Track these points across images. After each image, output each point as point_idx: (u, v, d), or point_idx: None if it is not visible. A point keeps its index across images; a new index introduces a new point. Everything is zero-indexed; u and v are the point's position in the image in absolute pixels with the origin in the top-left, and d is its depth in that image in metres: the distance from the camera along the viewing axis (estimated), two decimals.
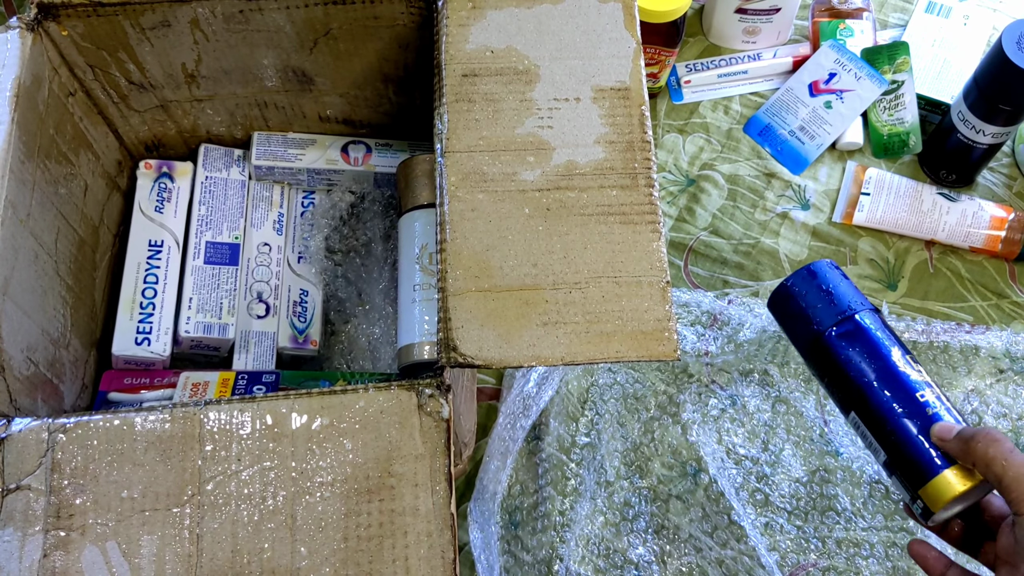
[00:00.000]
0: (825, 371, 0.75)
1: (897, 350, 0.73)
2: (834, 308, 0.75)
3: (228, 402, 0.66)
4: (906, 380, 0.71)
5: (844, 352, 0.73)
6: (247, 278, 0.97)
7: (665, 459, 0.98)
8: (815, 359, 0.76)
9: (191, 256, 0.95)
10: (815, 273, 0.78)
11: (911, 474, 0.69)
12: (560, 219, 0.71)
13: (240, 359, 0.93)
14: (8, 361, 0.72)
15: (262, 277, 0.97)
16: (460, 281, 0.68)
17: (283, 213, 1.01)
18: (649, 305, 0.68)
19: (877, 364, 0.72)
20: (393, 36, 0.87)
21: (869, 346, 0.73)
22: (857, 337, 0.73)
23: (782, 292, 0.79)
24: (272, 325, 0.96)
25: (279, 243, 0.99)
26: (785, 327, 0.80)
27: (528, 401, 0.97)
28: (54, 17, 0.81)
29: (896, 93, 1.15)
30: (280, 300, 0.97)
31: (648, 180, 0.72)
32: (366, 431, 0.65)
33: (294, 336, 0.96)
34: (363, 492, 0.64)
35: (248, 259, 0.97)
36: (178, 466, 0.64)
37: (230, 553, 0.63)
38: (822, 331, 0.75)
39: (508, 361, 0.66)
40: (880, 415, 0.71)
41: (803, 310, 0.77)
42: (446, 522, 0.64)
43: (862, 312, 0.75)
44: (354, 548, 0.63)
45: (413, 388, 0.67)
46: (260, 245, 0.98)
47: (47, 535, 0.63)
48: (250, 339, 0.94)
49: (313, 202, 1.03)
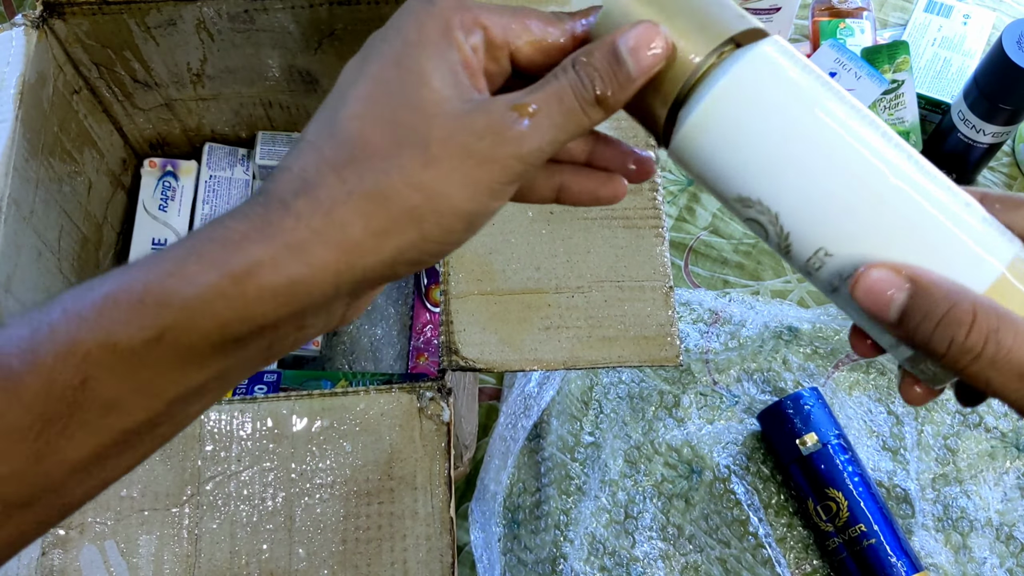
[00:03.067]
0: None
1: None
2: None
3: (229, 402, 0.66)
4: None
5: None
6: None
7: (668, 458, 0.98)
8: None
9: None
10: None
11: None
12: (563, 223, 0.71)
13: None
14: None
15: None
16: (463, 284, 0.69)
17: None
18: (652, 310, 0.68)
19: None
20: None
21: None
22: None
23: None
24: None
25: None
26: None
27: (529, 401, 0.98)
28: (59, 15, 0.81)
29: (896, 92, 1.14)
30: None
31: (652, 184, 0.72)
32: (366, 433, 0.66)
33: None
34: (362, 494, 0.64)
35: None
36: (178, 466, 0.65)
37: (228, 554, 0.63)
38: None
39: (510, 365, 0.66)
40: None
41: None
42: (445, 525, 0.64)
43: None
44: (352, 550, 0.63)
45: (414, 391, 0.67)
46: None
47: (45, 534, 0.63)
48: None
49: None
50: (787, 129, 0.39)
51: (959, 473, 0.97)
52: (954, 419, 0.99)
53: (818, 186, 0.39)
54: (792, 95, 0.39)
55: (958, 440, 0.98)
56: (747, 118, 0.40)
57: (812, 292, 1.08)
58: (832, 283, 0.41)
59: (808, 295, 1.08)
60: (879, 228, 0.39)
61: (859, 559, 0.88)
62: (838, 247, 0.40)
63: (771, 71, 0.40)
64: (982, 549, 0.93)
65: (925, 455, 0.97)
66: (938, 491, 0.96)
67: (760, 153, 0.40)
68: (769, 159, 0.40)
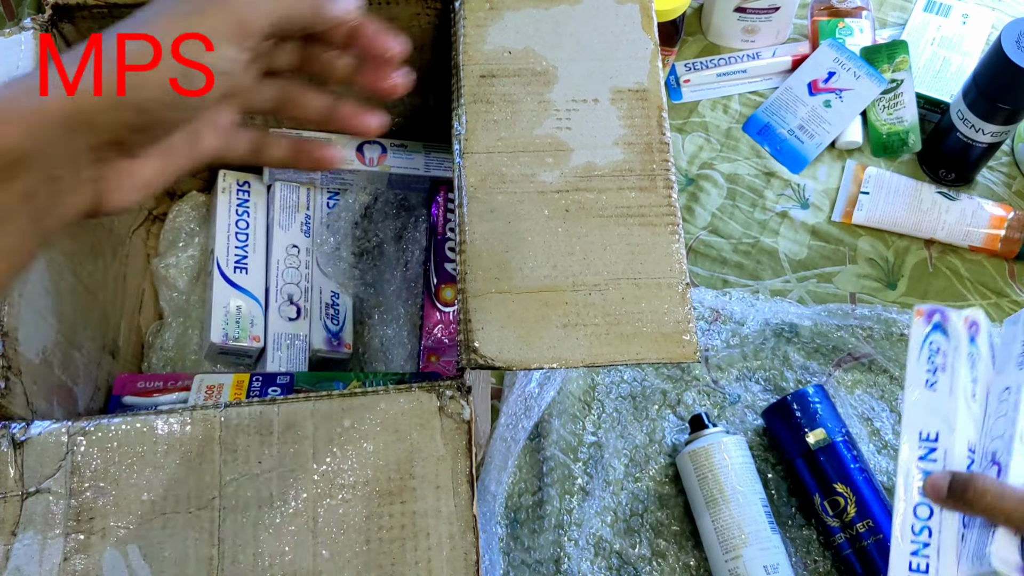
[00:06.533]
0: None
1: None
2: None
3: (248, 404, 0.66)
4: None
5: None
6: (277, 280, 0.96)
7: (671, 457, 0.98)
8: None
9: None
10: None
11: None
12: (579, 221, 0.71)
13: (274, 362, 0.93)
14: (25, 364, 0.72)
15: (292, 279, 0.96)
16: (480, 282, 0.68)
17: (310, 215, 1.00)
18: (669, 307, 0.68)
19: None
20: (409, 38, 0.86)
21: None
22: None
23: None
24: (303, 327, 0.95)
25: (307, 245, 0.99)
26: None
27: (530, 401, 0.98)
28: (69, 19, 0.80)
29: (895, 92, 1.15)
30: (311, 302, 0.97)
31: (667, 182, 0.72)
32: (387, 433, 0.65)
33: (328, 339, 0.96)
34: (384, 494, 0.64)
35: (277, 261, 0.97)
36: (199, 469, 0.64)
37: (252, 556, 0.63)
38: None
39: (529, 363, 0.66)
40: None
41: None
42: (468, 524, 0.64)
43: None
44: (376, 550, 0.63)
45: (434, 390, 0.67)
46: (288, 247, 0.98)
47: (67, 538, 0.63)
48: (282, 341, 0.94)
49: (337, 203, 1.02)
50: None
51: None
52: None
53: None
54: None
55: None
56: None
57: (812, 291, 1.08)
58: None
59: (807, 294, 1.08)
60: None
61: (863, 556, 0.88)
62: None
63: None
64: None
65: None
66: None
67: None
68: None
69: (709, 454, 0.91)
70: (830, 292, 1.08)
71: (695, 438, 0.94)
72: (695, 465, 0.92)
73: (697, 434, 0.94)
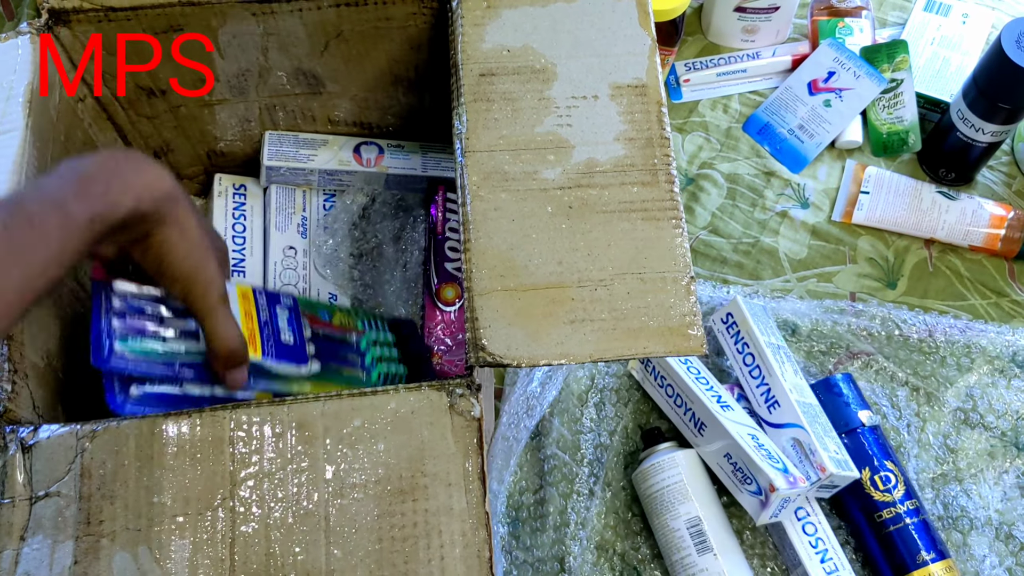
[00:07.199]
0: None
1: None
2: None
3: (258, 405, 0.66)
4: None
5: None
6: (274, 282, 0.96)
7: None
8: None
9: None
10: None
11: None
12: (583, 217, 0.71)
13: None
14: (31, 367, 0.72)
15: (289, 280, 0.96)
16: (486, 280, 0.68)
17: (306, 216, 1.00)
18: (674, 301, 0.68)
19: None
20: (405, 38, 0.86)
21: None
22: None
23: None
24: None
25: (304, 246, 0.99)
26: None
27: (532, 401, 0.97)
28: (65, 23, 0.80)
29: (895, 91, 1.15)
30: None
31: (668, 176, 0.72)
32: (398, 432, 0.65)
33: None
34: (396, 492, 0.64)
35: (274, 263, 0.97)
36: (208, 470, 0.64)
37: (264, 556, 0.62)
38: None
39: (537, 359, 0.66)
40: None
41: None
42: (480, 521, 0.64)
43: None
44: (389, 549, 0.63)
45: (444, 388, 0.67)
46: (285, 248, 0.98)
47: (77, 542, 0.62)
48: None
49: (334, 205, 1.02)
50: None
51: (959, 472, 0.97)
52: (954, 418, 1.00)
53: None
54: None
55: (958, 439, 0.98)
56: None
57: (812, 290, 1.08)
58: None
59: (808, 293, 1.08)
60: None
61: (904, 535, 0.89)
62: None
63: None
64: (981, 548, 0.94)
65: (925, 454, 0.98)
66: (938, 490, 0.96)
67: None
68: None
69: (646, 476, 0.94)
70: (830, 292, 1.08)
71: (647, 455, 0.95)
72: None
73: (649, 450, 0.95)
